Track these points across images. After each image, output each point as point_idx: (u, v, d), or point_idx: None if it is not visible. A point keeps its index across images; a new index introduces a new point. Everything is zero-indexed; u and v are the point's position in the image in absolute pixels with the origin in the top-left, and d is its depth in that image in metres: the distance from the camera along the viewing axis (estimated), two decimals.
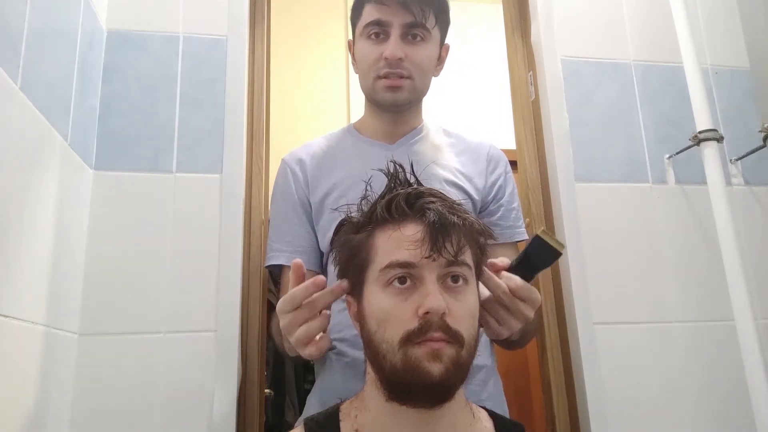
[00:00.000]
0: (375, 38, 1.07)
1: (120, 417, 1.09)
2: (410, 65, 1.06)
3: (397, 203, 0.70)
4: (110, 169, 1.21)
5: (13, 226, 0.86)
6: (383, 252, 0.68)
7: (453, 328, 0.64)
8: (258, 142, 1.35)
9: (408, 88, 1.08)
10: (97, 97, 1.23)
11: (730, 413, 1.24)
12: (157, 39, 1.29)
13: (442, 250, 0.66)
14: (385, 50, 1.04)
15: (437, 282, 0.66)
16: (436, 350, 0.63)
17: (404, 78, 1.06)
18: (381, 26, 1.06)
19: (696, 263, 1.34)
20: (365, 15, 1.08)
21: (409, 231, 0.67)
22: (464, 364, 0.65)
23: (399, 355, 0.64)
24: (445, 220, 0.67)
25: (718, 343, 1.28)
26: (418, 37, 1.06)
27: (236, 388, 1.14)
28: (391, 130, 1.14)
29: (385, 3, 1.04)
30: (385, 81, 1.06)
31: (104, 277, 1.15)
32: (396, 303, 0.65)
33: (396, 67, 1.05)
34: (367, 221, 0.72)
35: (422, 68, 1.08)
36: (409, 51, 1.05)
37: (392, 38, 1.05)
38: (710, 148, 1.26)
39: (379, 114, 1.14)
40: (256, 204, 1.31)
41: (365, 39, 1.08)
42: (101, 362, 1.11)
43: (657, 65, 1.46)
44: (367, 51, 1.08)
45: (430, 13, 1.06)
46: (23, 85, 0.87)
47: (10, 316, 0.84)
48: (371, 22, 1.06)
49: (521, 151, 1.45)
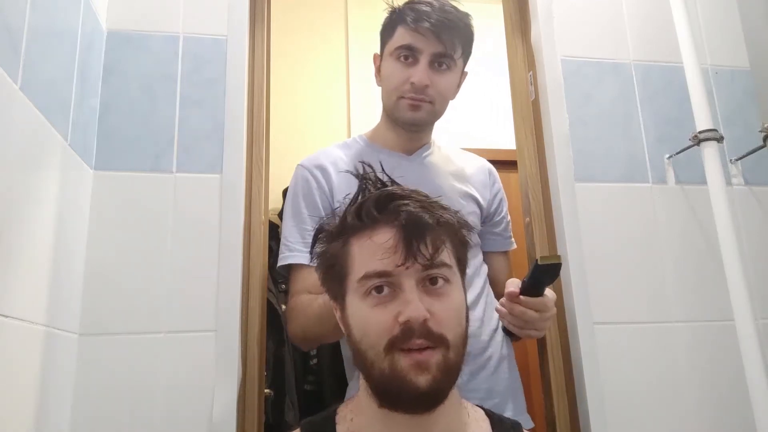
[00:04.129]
0: (404, 61, 1.12)
1: (120, 417, 1.09)
2: (434, 92, 1.13)
3: (367, 209, 0.67)
4: (110, 169, 1.21)
5: (13, 226, 0.86)
6: (359, 262, 0.67)
7: (436, 332, 0.63)
8: (258, 142, 1.34)
9: (428, 110, 1.15)
10: (97, 97, 1.23)
11: (730, 413, 1.24)
12: (157, 39, 1.29)
13: (417, 255, 0.64)
14: (413, 76, 1.11)
15: (417, 287, 0.64)
16: (421, 361, 0.62)
17: (426, 102, 1.13)
18: (411, 51, 1.12)
19: (696, 263, 1.34)
20: (397, 37, 1.13)
21: (381, 238, 0.65)
22: (452, 366, 0.65)
23: (386, 362, 0.63)
24: (419, 221, 0.65)
25: (718, 343, 1.28)
26: (444, 66, 1.13)
27: (236, 388, 1.14)
28: (407, 144, 1.22)
29: (419, 31, 1.09)
30: (408, 101, 1.13)
31: (104, 277, 1.15)
32: (376, 312, 0.64)
33: (421, 93, 1.12)
34: (341, 230, 0.70)
35: (444, 95, 1.16)
36: (435, 78, 1.12)
37: (421, 65, 1.11)
38: (710, 148, 1.26)
39: (396, 129, 1.20)
40: (256, 204, 1.31)
41: (394, 60, 1.14)
42: (101, 362, 1.11)
43: (657, 65, 1.46)
44: (395, 72, 1.14)
45: (459, 45, 1.13)
46: (23, 85, 0.87)
47: (10, 316, 0.84)
48: (403, 45, 1.12)
49: (521, 151, 1.45)
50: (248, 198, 1.30)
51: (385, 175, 0.74)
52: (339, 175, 1.15)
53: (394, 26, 1.15)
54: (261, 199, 1.32)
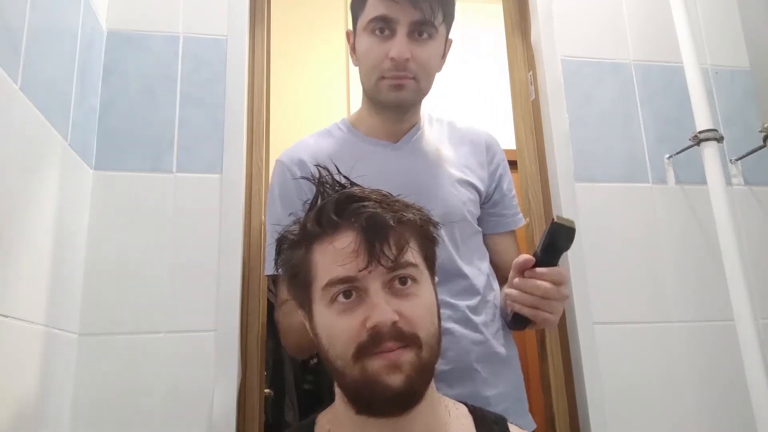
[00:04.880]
0: (380, 34, 1.00)
1: (120, 417, 1.09)
2: (416, 66, 1.00)
3: (326, 214, 0.65)
4: (110, 169, 1.21)
5: (13, 226, 0.86)
6: (322, 269, 0.64)
7: (407, 332, 0.62)
8: (258, 142, 1.35)
9: (412, 89, 1.03)
10: (97, 97, 1.23)
11: (730, 413, 1.24)
12: (157, 39, 1.29)
13: (381, 257, 0.62)
14: (391, 50, 0.98)
15: (383, 289, 0.63)
16: (394, 361, 0.61)
17: (409, 79, 1.01)
18: (387, 22, 0.99)
19: (696, 263, 1.34)
20: (369, 8, 1.01)
21: (342, 242, 0.63)
22: (426, 365, 0.63)
23: (356, 369, 0.61)
24: (380, 222, 0.63)
25: (718, 343, 1.28)
26: (425, 35, 1.00)
27: (236, 388, 1.14)
28: (393, 128, 1.10)
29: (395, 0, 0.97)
30: (389, 81, 1.01)
31: (104, 277, 1.15)
32: (343, 319, 0.63)
33: (402, 69, 1.00)
34: (301, 237, 0.68)
35: (428, 68, 1.03)
36: (416, 50, 0.99)
37: (398, 37, 0.98)
38: (710, 148, 1.26)
39: (380, 112, 1.09)
40: (256, 204, 1.31)
41: (369, 34, 1.01)
42: (101, 362, 1.11)
43: (657, 65, 1.46)
44: (371, 48, 1.01)
45: (439, 9, 1.00)
46: (23, 85, 0.87)
47: (10, 316, 0.84)
48: (377, 17, 0.99)
49: (521, 151, 1.45)
50: (248, 198, 1.30)
51: (342, 177, 0.71)
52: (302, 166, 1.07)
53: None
54: (261, 199, 1.32)
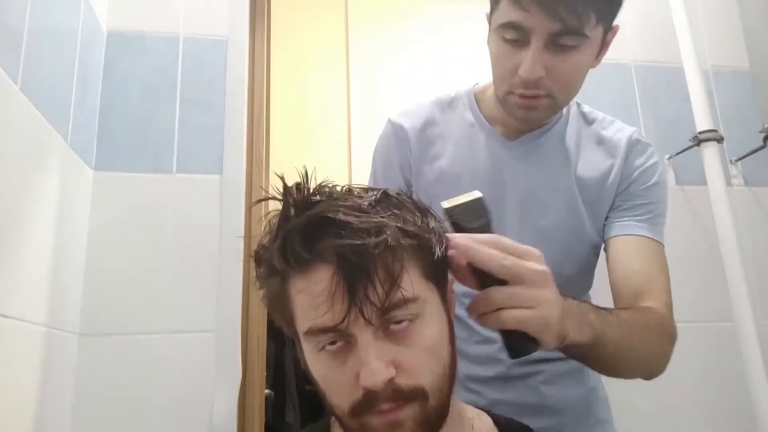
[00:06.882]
0: (511, 42, 0.81)
1: (120, 417, 1.09)
2: (552, 82, 0.81)
3: (292, 249, 0.51)
4: (110, 169, 1.21)
5: (14, 227, 0.86)
6: (300, 312, 0.53)
7: (407, 388, 0.51)
8: (258, 142, 1.35)
9: (546, 107, 0.85)
10: (97, 97, 1.23)
11: (730, 413, 1.24)
12: (157, 40, 1.29)
13: (364, 304, 0.49)
14: (522, 66, 0.80)
15: (374, 335, 0.50)
16: (394, 421, 0.51)
17: (542, 97, 0.83)
18: (519, 30, 0.79)
19: (696, 263, 1.34)
20: (502, 10, 0.81)
21: (317, 283, 0.50)
22: (434, 414, 0.53)
23: (354, 423, 0.53)
24: (360, 257, 0.49)
25: (718, 343, 1.28)
26: (569, 45, 0.79)
27: (236, 388, 1.14)
28: (518, 126, 0.92)
29: (525, 7, 0.77)
30: (518, 99, 0.84)
31: (104, 277, 1.15)
32: (333, 369, 0.53)
33: (534, 87, 0.82)
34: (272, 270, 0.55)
35: (569, 82, 0.84)
36: (554, 63, 0.80)
37: (532, 49, 0.79)
38: (710, 148, 1.26)
39: None
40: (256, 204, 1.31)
41: (499, 39, 0.83)
42: (101, 362, 1.11)
43: (657, 66, 1.46)
44: (500, 56, 0.84)
45: (590, 13, 0.77)
46: (23, 85, 0.87)
47: (10, 316, 0.84)
48: (507, 23, 0.80)
49: None
50: (248, 198, 1.30)
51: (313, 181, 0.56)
52: (418, 143, 0.94)
53: None
54: None
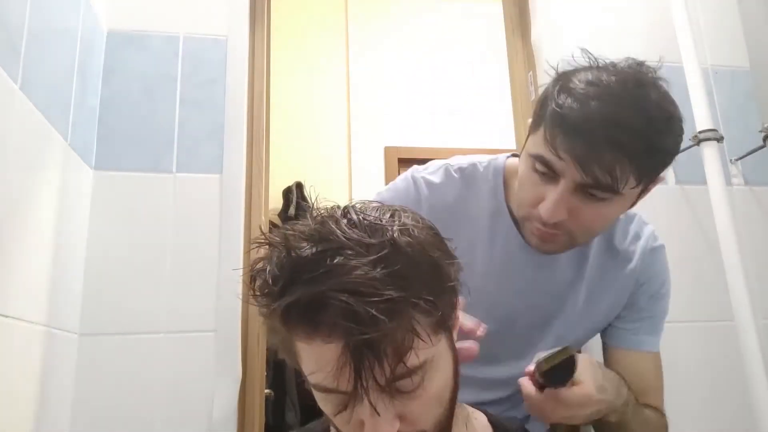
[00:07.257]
0: (540, 174, 0.76)
1: (120, 417, 1.09)
2: (574, 225, 0.76)
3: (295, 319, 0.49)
4: (110, 169, 1.21)
5: (14, 226, 0.86)
6: (305, 365, 0.52)
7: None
8: (258, 142, 1.35)
9: (563, 243, 0.80)
10: (97, 97, 1.23)
11: (730, 413, 1.24)
12: (157, 39, 1.29)
13: (369, 381, 0.47)
14: (542, 206, 0.75)
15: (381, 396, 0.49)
16: None
17: (560, 235, 0.79)
18: (548, 167, 0.74)
19: (696, 263, 1.34)
20: (538, 138, 0.76)
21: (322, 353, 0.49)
22: None
23: None
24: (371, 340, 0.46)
25: (718, 343, 1.28)
26: (598, 197, 0.74)
27: (236, 388, 1.14)
28: None
29: (558, 154, 0.72)
30: (535, 230, 0.80)
31: (104, 277, 1.15)
32: (339, 415, 0.52)
33: (553, 227, 0.77)
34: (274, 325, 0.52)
35: (591, 228, 0.79)
36: (579, 208, 0.74)
37: (557, 192, 0.73)
38: (710, 148, 1.26)
39: None
40: (256, 204, 1.31)
41: (530, 165, 0.77)
42: (101, 362, 1.11)
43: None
44: (527, 182, 0.78)
45: (628, 175, 0.71)
46: (23, 85, 0.87)
47: (10, 316, 0.84)
48: (539, 156, 0.75)
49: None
50: (248, 198, 1.30)
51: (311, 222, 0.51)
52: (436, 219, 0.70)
53: (542, 116, 0.76)
54: (261, 199, 1.32)
